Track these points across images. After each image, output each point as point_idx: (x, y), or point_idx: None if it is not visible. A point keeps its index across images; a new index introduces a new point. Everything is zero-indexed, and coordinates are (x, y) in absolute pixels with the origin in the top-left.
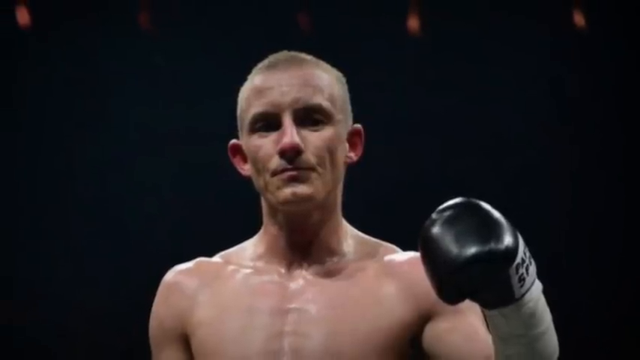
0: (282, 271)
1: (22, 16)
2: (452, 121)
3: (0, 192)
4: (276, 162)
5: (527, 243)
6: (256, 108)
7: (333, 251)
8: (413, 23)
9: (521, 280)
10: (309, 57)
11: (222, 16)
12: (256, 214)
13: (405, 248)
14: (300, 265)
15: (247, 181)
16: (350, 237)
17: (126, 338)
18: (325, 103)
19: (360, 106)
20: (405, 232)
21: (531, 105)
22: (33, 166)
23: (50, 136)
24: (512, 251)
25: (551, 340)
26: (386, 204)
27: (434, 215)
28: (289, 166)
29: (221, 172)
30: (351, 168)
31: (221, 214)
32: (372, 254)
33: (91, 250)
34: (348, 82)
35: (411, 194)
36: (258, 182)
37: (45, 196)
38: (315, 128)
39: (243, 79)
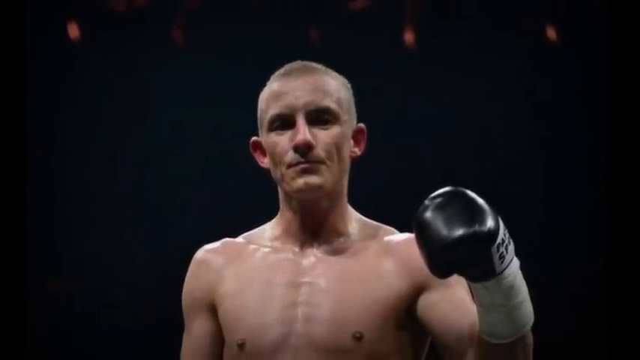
0: (296, 249)
1: (73, 31)
2: (442, 121)
3: (55, 184)
4: (290, 156)
5: (506, 225)
6: (274, 110)
7: (339, 233)
8: (409, 38)
9: (502, 257)
10: (319, 66)
11: (243, 32)
12: (273, 201)
13: (401, 230)
14: (311, 245)
15: (266, 172)
16: (354, 220)
17: (160, 308)
18: (333, 106)
19: (363, 108)
20: (402, 216)
21: (510, 108)
22: (82, 161)
23: (96, 135)
24: (493, 232)
25: (528, 309)
26: (385, 192)
27: (426, 202)
28: (302, 160)
29: (243, 166)
30: (356, 161)
31: (243, 201)
32: (373, 235)
33: (132, 232)
34: (352, 87)
35: (407, 184)
36: (275, 174)
37: (93, 187)
38: (325, 127)
39: (262, 85)
